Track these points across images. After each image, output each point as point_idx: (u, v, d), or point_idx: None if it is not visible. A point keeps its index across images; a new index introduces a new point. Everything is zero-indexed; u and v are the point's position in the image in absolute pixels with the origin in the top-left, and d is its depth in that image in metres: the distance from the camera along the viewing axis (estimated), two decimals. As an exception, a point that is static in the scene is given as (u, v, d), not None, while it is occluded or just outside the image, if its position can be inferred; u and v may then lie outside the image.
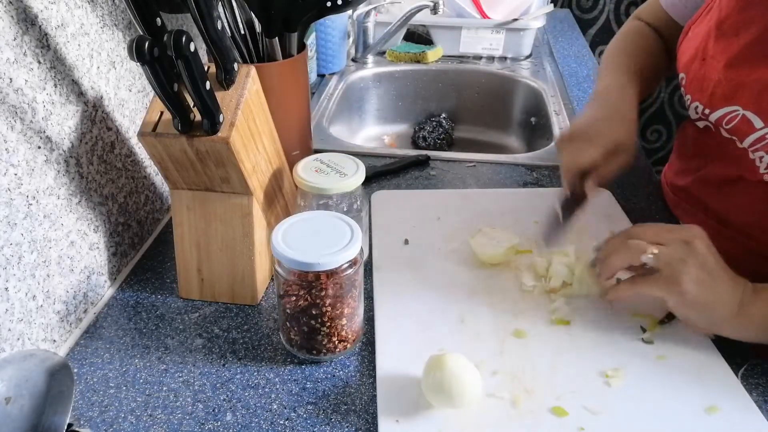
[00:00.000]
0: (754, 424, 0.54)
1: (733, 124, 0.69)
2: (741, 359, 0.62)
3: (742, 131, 0.69)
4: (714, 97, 0.71)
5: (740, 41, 0.68)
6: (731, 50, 0.69)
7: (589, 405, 0.55)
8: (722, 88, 0.70)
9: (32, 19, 0.57)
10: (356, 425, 0.56)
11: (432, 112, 1.39)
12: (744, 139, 0.69)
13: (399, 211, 0.83)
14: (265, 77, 0.65)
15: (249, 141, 0.62)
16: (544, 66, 1.37)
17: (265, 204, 0.68)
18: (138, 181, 0.77)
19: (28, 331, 0.59)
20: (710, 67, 0.71)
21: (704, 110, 0.73)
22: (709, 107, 0.72)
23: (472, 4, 1.38)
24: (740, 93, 0.68)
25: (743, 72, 0.68)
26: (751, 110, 0.67)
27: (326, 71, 1.32)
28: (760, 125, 0.66)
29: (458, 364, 0.54)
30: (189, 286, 0.70)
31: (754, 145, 0.68)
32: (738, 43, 0.68)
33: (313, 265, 0.56)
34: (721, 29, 0.70)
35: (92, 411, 0.57)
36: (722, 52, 0.70)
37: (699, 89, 0.73)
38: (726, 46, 0.69)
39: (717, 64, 0.70)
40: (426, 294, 0.69)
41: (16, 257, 0.57)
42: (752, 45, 0.67)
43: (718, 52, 0.70)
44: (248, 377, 0.61)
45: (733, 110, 0.69)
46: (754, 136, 0.67)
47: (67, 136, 0.63)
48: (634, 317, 0.65)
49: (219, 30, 0.56)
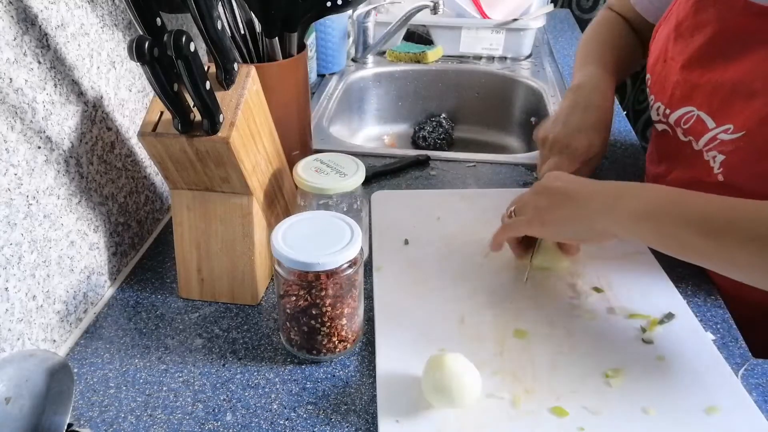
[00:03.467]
0: (754, 425, 0.54)
1: (690, 124, 0.71)
2: (741, 359, 0.62)
3: (697, 131, 0.70)
4: (673, 98, 0.73)
5: (694, 43, 0.70)
6: (687, 52, 0.71)
7: (589, 405, 0.55)
8: (680, 89, 0.72)
9: (32, 19, 0.57)
10: (356, 425, 0.56)
11: (432, 112, 1.39)
12: (699, 139, 0.70)
13: (399, 211, 0.83)
14: (265, 77, 0.65)
15: (249, 141, 0.62)
16: (544, 66, 1.37)
17: (265, 204, 0.68)
18: (138, 181, 0.77)
19: (28, 331, 0.59)
20: (670, 69, 0.73)
21: (665, 110, 0.75)
22: (670, 107, 0.74)
23: (472, 4, 1.38)
24: (695, 94, 0.70)
25: (697, 73, 0.69)
26: (704, 111, 0.69)
27: (326, 71, 1.32)
28: (712, 125, 0.68)
29: (458, 364, 0.54)
30: (189, 286, 0.70)
31: (708, 145, 0.69)
32: (693, 45, 0.70)
33: (313, 265, 0.56)
34: (678, 31, 0.72)
35: (92, 411, 0.57)
36: (679, 53, 0.72)
37: (661, 90, 0.75)
38: (683, 47, 0.71)
39: (675, 65, 0.72)
40: (426, 294, 0.69)
41: (16, 257, 0.57)
42: (705, 47, 0.69)
43: (676, 53, 0.72)
44: (248, 377, 0.61)
45: (689, 111, 0.71)
46: (707, 136, 0.69)
47: (67, 136, 0.63)
48: (634, 317, 0.65)
49: (219, 30, 0.56)
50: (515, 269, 0.73)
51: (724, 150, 0.67)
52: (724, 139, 0.67)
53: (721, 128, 0.67)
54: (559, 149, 0.76)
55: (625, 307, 0.66)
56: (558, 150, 0.76)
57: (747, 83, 0.64)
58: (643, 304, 0.66)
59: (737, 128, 0.65)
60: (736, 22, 0.65)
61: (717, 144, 0.68)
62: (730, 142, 0.66)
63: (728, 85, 0.66)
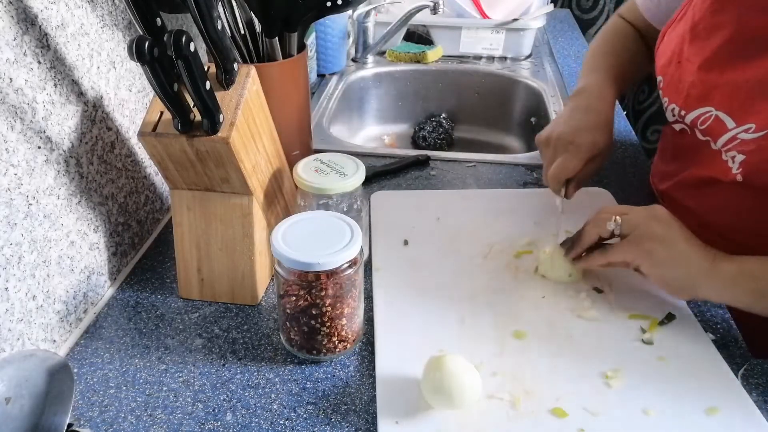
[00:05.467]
0: (754, 425, 0.54)
1: (708, 124, 0.71)
2: (741, 359, 0.62)
3: (715, 131, 0.70)
4: (689, 99, 0.73)
5: (712, 44, 0.69)
6: (704, 53, 0.70)
7: (589, 406, 0.56)
8: (696, 90, 0.71)
9: (32, 19, 0.57)
10: (356, 425, 0.56)
11: (432, 112, 1.39)
12: (717, 139, 0.70)
13: (399, 211, 0.83)
14: (265, 77, 0.65)
15: (249, 141, 0.62)
16: (544, 66, 1.37)
17: (265, 204, 0.68)
18: (138, 181, 0.77)
19: (28, 331, 0.59)
20: (685, 70, 0.73)
21: (680, 112, 0.75)
22: (685, 108, 0.74)
23: (472, 4, 1.38)
24: (713, 94, 0.69)
25: (715, 74, 0.69)
26: (724, 111, 0.68)
27: (326, 71, 1.32)
28: (732, 125, 0.68)
29: (458, 365, 0.54)
30: (189, 286, 0.70)
31: (727, 145, 0.69)
32: (710, 46, 0.70)
33: (313, 265, 0.56)
34: (695, 32, 0.72)
35: (92, 411, 0.57)
36: (696, 54, 0.72)
37: (675, 91, 0.75)
38: (700, 48, 0.71)
39: (691, 67, 0.72)
40: (426, 294, 0.69)
41: (16, 257, 0.57)
42: (723, 47, 0.68)
43: (693, 54, 0.72)
44: (248, 377, 0.61)
45: (706, 111, 0.70)
46: (726, 135, 0.69)
47: (67, 136, 0.63)
48: (634, 318, 0.65)
49: (219, 30, 0.56)
50: (515, 269, 0.73)
51: (744, 150, 0.67)
52: (744, 139, 0.67)
53: (741, 128, 0.66)
54: (563, 146, 0.76)
55: (626, 307, 0.66)
56: (563, 147, 0.76)
57: None
58: (644, 305, 0.66)
59: (759, 127, 0.65)
60: (755, 21, 0.65)
61: (737, 144, 0.68)
62: (751, 141, 0.66)
63: (749, 85, 0.66)
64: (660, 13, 0.88)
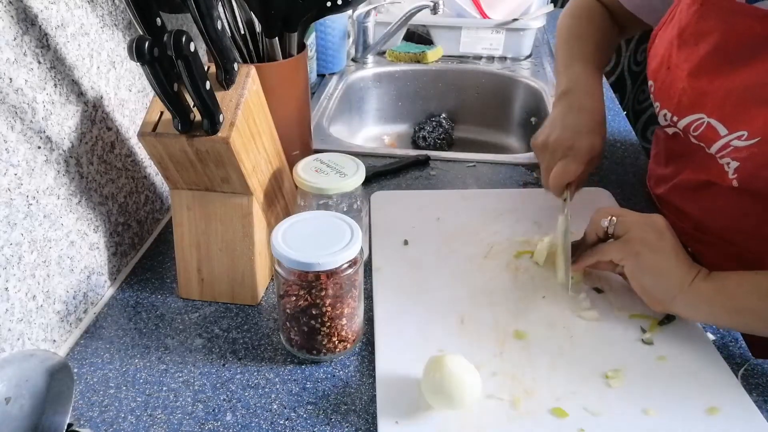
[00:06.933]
0: (754, 425, 0.54)
1: (700, 131, 0.70)
2: (741, 359, 0.62)
3: (708, 138, 0.69)
4: (680, 105, 0.72)
5: (700, 51, 0.69)
6: (693, 59, 0.70)
7: (589, 406, 0.56)
8: (688, 97, 0.71)
9: (32, 19, 0.57)
10: (356, 425, 0.56)
11: (432, 112, 1.39)
12: (711, 145, 0.70)
13: (399, 211, 0.83)
14: (265, 77, 0.65)
15: (249, 141, 0.62)
16: (544, 66, 1.37)
17: (265, 204, 0.68)
18: (138, 181, 0.77)
19: (28, 331, 0.59)
20: (675, 76, 0.72)
21: (672, 117, 0.74)
22: (677, 115, 0.73)
23: (472, 4, 1.38)
24: (704, 101, 0.69)
25: (705, 81, 0.68)
26: (715, 118, 0.68)
27: (326, 71, 1.32)
28: (724, 132, 0.67)
29: (458, 365, 0.54)
30: (189, 286, 0.70)
31: (720, 152, 0.69)
32: (698, 53, 0.69)
33: (313, 265, 0.56)
34: (682, 38, 0.71)
35: (92, 411, 0.57)
36: (685, 60, 0.71)
37: (667, 97, 0.74)
38: (688, 54, 0.70)
39: (681, 73, 0.71)
40: (426, 294, 0.69)
41: (16, 257, 0.57)
42: (711, 54, 0.68)
43: (681, 60, 0.71)
44: (248, 377, 0.61)
45: (698, 118, 0.70)
46: (720, 142, 0.68)
47: (67, 136, 0.63)
48: (634, 318, 0.65)
49: (219, 30, 0.56)
50: (515, 269, 0.73)
51: (738, 156, 0.67)
52: (738, 146, 0.66)
53: (734, 135, 0.66)
54: (563, 152, 0.75)
55: (626, 307, 0.66)
56: (562, 153, 0.75)
57: (759, 89, 0.63)
58: (644, 305, 0.66)
59: (752, 134, 0.64)
60: (741, 27, 0.64)
61: (730, 151, 0.67)
62: (744, 148, 0.65)
63: (739, 91, 0.65)
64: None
